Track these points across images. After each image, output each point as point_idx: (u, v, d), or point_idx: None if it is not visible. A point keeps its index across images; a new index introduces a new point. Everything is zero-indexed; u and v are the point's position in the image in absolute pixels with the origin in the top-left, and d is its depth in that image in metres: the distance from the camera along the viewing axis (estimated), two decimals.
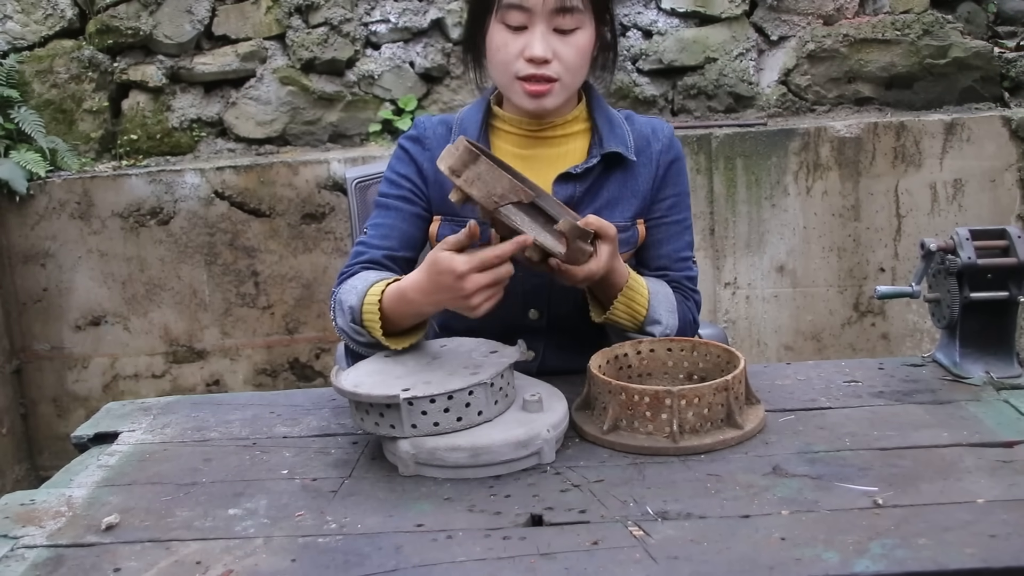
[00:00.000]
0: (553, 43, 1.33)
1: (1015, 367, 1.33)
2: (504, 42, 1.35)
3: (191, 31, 3.23)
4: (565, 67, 1.35)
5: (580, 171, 1.41)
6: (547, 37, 1.33)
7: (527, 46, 1.33)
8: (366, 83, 3.27)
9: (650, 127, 1.48)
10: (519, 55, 1.34)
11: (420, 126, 1.48)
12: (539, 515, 0.99)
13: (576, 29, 1.34)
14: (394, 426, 1.11)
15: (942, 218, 2.99)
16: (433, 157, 1.43)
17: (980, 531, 0.91)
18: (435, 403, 1.10)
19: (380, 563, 0.91)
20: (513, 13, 1.33)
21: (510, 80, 1.36)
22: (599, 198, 1.43)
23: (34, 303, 3.06)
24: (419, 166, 1.45)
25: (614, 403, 1.17)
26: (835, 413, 1.24)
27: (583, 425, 1.20)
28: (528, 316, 1.42)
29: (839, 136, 2.96)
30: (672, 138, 1.49)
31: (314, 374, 3.11)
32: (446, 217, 1.44)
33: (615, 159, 1.43)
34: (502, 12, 1.33)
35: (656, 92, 3.26)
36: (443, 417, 1.10)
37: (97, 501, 1.10)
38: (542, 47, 1.32)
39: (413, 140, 1.47)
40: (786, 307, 3.05)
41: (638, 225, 1.45)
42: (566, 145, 1.44)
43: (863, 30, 3.17)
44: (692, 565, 0.88)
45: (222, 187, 3.01)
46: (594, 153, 1.42)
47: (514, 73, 1.35)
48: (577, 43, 1.35)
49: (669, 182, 1.47)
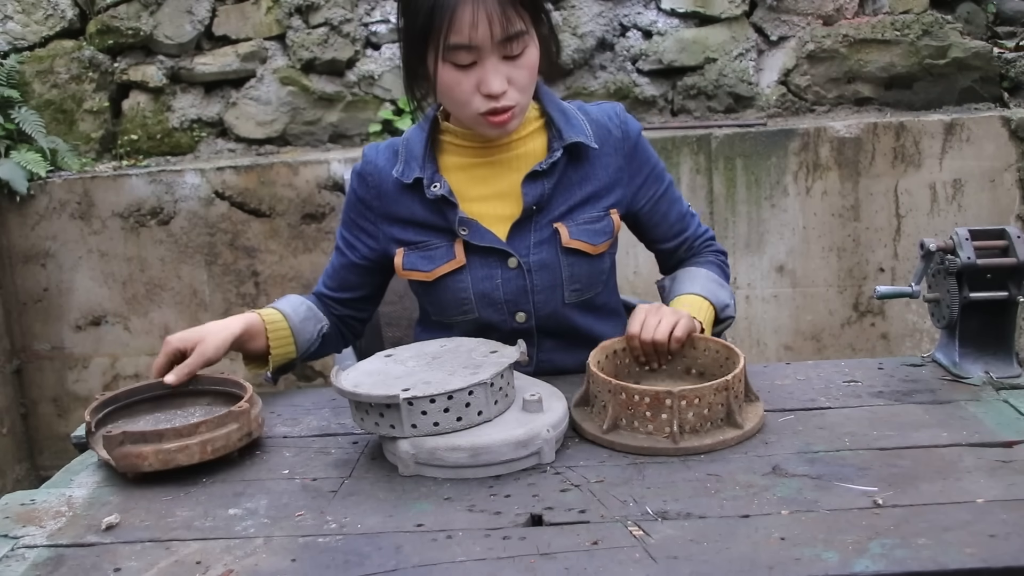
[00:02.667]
0: (505, 71, 1.29)
1: (1014, 367, 1.33)
2: (456, 81, 1.29)
3: (191, 31, 3.23)
4: (520, 90, 1.31)
5: (546, 166, 1.39)
6: (498, 68, 1.28)
7: (481, 82, 1.28)
8: (366, 83, 3.27)
9: (604, 115, 1.45)
10: (474, 91, 1.30)
11: (366, 157, 1.47)
12: (539, 515, 0.99)
13: (523, 50, 1.30)
14: (394, 426, 1.11)
15: (942, 218, 2.99)
16: (379, 191, 1.44)
17: (980, 531, 0.91)
18: (435, 403, 1.10)
19: (380, 563, 0.91)
20: (460, 53, 1.27)
21: (471, 116, 1.33)
22: (567, 192, 1.41)
23: (34, 303, 3.06)
24: (364, 202, 1.46)
25: (614, 402, 1.17)
26: (835, 413, 1.24)
27: (582, 423, 1.20)
28: (516, 320, 1.42)
29: (839, 136, 2.96)
30: (624, 115, 1.47)
31: (314, 374, 3.11)
32: (408, 247, 1.43)
33: (577, 150, 1.41)
34: (448, 53, 1.27)
35: (656, 92, 3.26)
36: (443, 417, 1.10)
37: (97, 501, 1.10)
38: (498, 82, 1.28)
39: (358, 177, 1.47)
40: (786, 307, 3.05)
41: (612, 214, 1.44)
42: (523, 147, 1.42)
43: (863, 30, 3.17)
44: (692, 565, 0.88)
45: (222, 187, 3.01)
46: (555, 147, 1.40)
47: (475, 110, 1.31)
48: (527, 63, 1.31)
49: (640, 163, 1.46)
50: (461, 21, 1.24)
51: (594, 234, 1.41)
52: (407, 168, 1.41)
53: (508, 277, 1.40)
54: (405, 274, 1.43)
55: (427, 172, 1.40)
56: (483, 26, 1.24)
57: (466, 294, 1.40)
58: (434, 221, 1.41)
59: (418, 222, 1.42)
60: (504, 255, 1.39)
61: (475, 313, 1.41)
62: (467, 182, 1.41)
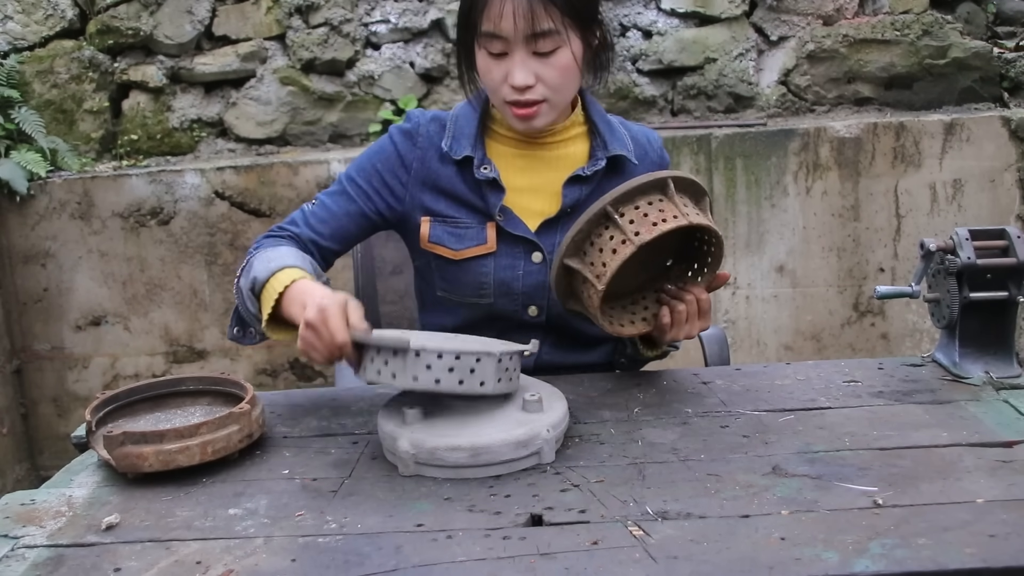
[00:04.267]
0: (534, 67, 1.33)
1: (1014, 367, 1.33)
2: (488, 68, 1.36)
3: (191, 31, 3.23)
4: (550, 87, 1.35)
5: (589, 172, 1.42)
6: (527, 62, 1.32)
7: (508, 73, 1.33)
8: (366, 83, 3.27)
9: (645, 136, 1.52)
10: (503, 81, 1.34)
11: (414, 120, 1.47)
12: (539, 515, 0.99)
13: (556, 49, 1.33)
14: (396, 375, 1.10)
15: (942, 218, 2.99)
16: (424, 155, 1.43)
17: (980, 531, 0.91)
18: (442, 359, 1.10)
19: (380, 563, 0.91)
20: (492, 41, 1.33)
21: (500, 103, 1.38)
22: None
23: (34, 303, 3.06)
24: (403, 160, 1.44)
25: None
26: (835, 413, 1.24)
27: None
28: (528, 313, 1.43)
29: (839, 136, 2.96)
30: (663, 149, 1.53)
31: (314, 374, 3.11)
32: (436, 218, 1.44)
33: (618, 162, 1.44)
34: (482, 39, 1.34)
35: (656, 92, 3.26)
36: (446, 376, 1.10)
37: (97, 501, 1.10)
38: (522, 75, 1.32)
39: (405, 134, 1.46)
40: (786, 307, 3.05)
41: None
42: (565, 148, 1.45)
43: (863, 30, 3.17)
44: (692, 565, 0.88)
45: (222, 187, 3.01)
46: (599, 155, 1.43)
47: (502, 98, 1.36)
48: (558, 63, 1.34)
49: None
50: (492, 10, 1.30)
51: None
52: (456, 144, 1.42)
53: (531, 270, 1.41)
54: (430, 247, 1.43)
55: (478, 153, 1.42)
56: (510, 18, 1.29)
57: (487, 279, 1.41)
58: (472, 200, 1.42)
59: (455, 197, 1.43)
60: (532, 247, 1.41)
61: (491, 299, 1.42)
62: (507, 170, 1.43)
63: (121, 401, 1.29)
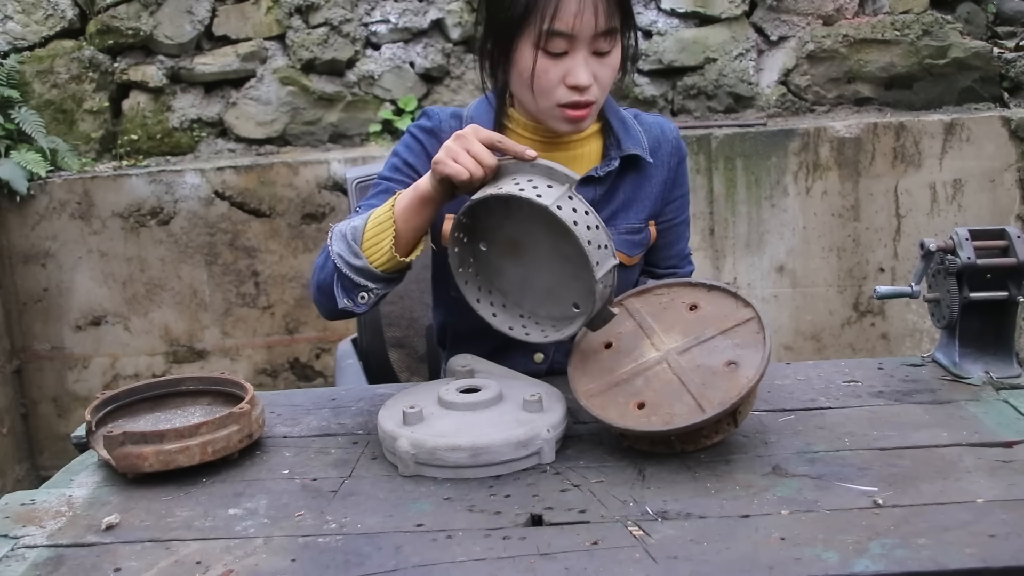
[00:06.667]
0: (593, 67, 1.30)
1: (1014, 367, 1.33)
2: (544, 69, 1.30)
3: (191, 31, 3.23)
4: (602, 89, 1.33)
5: (602, 173, 1.41)
6: (588, 62, 1.30)
7: (569, 73, 1.29)
8: (366, 83, 3.27)
9: (659, 128, 1.48)
10: (560, 82, 1.30)
11: (434, 117, 1.45)
12: (539, 515, 0.99)
13: (611, 50, 1.32)
14: (541, 196, 1.10)
15: (941, 218, 2.99)
16: None
17: (980, 531, 0.91)
18: (588, 215, 1.10)
19: (380, 563, 0.91)
20: (556, 40, 1.29)
21: (550, 106, 1.33)
22: (615, 200, 1.43)
23: (34, 303, 3.06)
24: (429, 155, 1.42)
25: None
26: (835, 413, 1.24)
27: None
28: None
29: (839, 136, 2.96)
30: (679, 139, 1.50)
31: (314, 374, 3.11)
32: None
33: (632, 161, 1.43)
34: (546, 40, 1.28)
35: (656, 92, 3.26)
36: (584, 230, 1.09)
37: (97, 501, 1.10)
38: (587, 75, 1.29)
39: (428, 132, 1.44)
40: (786, 307, 3.05)
41: (650, 226, 1.46)
42: (580, 148, 1.43)
43: (863, 30, 3.17)
44: (692, 565, 0.88)
45: (222, 187, 3.02)
46: (613, 155, 1.42)
47: (556, 100, 1.32)
48: (612, 63, 1.33)
49: (678, 183, 1.49)
50: (567, 9, 1.27)
51: (632, 245, 1.44)
52: None
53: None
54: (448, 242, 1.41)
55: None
56: (588, 15, 1.27)
57: None
58: None
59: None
60: None
61: None
62: None
63: (121, 401, 1.29)
